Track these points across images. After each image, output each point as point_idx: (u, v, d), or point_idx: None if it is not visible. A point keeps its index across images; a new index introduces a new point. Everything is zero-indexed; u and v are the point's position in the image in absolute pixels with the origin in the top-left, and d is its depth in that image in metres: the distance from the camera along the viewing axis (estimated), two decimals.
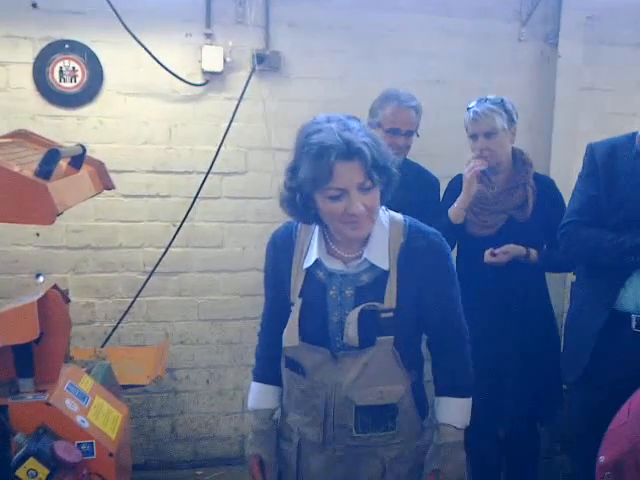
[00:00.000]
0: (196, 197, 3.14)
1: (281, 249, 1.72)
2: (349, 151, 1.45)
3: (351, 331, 1.58)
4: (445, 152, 3.17)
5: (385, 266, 1.60)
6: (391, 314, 1.59)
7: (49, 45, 2.93)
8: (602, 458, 1.23)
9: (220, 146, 3.11)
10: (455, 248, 2.70)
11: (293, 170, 1.54)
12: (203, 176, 3.12)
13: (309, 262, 1.65)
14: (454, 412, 1.70)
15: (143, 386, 2.80)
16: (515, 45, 3.34)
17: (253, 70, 3.08)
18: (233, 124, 3.10)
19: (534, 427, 2.76)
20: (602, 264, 2.22)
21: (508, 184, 2.61)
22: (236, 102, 3.09)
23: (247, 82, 3.08)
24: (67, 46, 2.94)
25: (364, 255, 1.61)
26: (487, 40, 3.30)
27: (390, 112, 2.68)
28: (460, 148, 2.79)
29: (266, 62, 3.08)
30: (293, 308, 1.66)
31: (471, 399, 1.72)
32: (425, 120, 3.14)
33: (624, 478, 1.18)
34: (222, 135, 3.10)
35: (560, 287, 3.29)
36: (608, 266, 2.20)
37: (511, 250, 2.52)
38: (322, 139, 1.46)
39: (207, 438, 3.38)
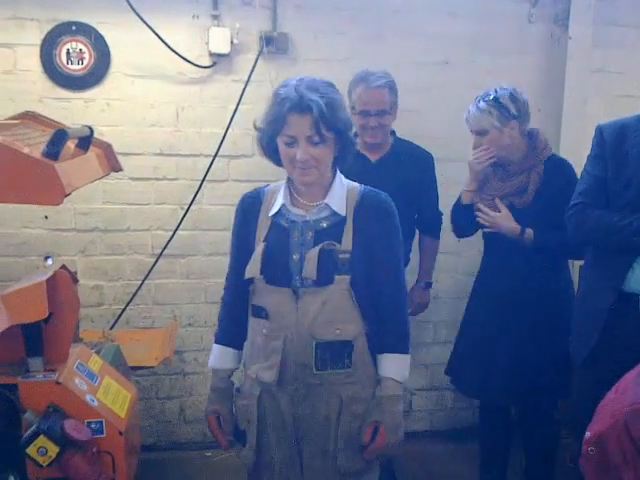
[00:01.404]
0: (203, 180, 3.14)
1: (249, 206, 1.90)
2: (300, 105, 1.67)
3: (310, 266, 1.74)
4: (451, 134, 3.16)
5: (343, 212, 1.80)
6: (348, 255, 1.77)
7: (56, 27, 2.92)
8: (587, 434, 1.25)
9: (227, 129, 3.10)
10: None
11: (262, 117, 1.78)
12: (210, 159, 3.12)
13: (275, 209, 1.84)
14: (394, 367, 1.84)
15: (152, 368, 2.82)
16: (524, 26, 3.31)
17: (260, 52, 3.06)
18: (240, 106, 3.09)
19: (548, 407, 2.75)
20: (609, 246, 2.22)
21: (515, 169, 2.62)
22: (243, 84, 3.08)
23: (254, 64, 3.07)
24: (74, 28, 2.93)
25: (325, 201, 1.80)
26: (495, 21, 3.27)
27: (358, 94, 2.68)
28: (466, 130, 2.77)
29: (273, 44, 3.06)
30: (255, 251, 1.81)
31: (409, 355, 1.87)
32: (431, 102, 3.13)
33: (607, 452, 1.20)
34: (229, 118, 3.10)
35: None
36: (615, 248, 2.19)
37: (501, 219, 2.56)
38: (283, 92, 1.70)
39: None
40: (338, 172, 1.86)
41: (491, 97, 2.57)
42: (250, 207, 1.90)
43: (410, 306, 3.06)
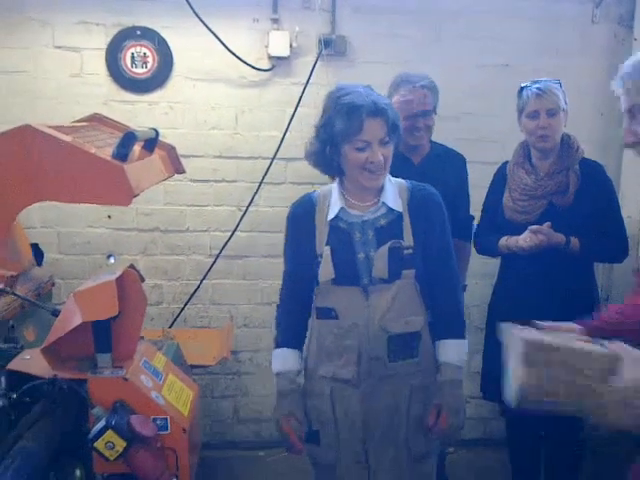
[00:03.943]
0: (261, 182, 3.17)
1: (303, 214, 1.96)
2: (376, 109, 1.77)
3: (381, 265, 1.83)
4: (510, 138, 3.08)
5: (400, 208, 1.89)
6: (411, 250, 1.86)
7: (121, 31, 3.01)
8: None
9: (286, 132, 3.13)
10: None
11: (324, 127, 1.84)
12: (268, 161, 3.15)
13: (333, 213, 1.90)
14: (452, 352, 1.93)
15: (208, 367, 2.86)
16: (587, 27, 3.24)
17: (319, 55, 3.08)
18: (299, 109, 3.11)
19: (576, 429, 2.63)
20: None
21: (551, 169, 2.55)
22: (302, 87, 3.10)
23: (313, 67, 3.09)
24: (138, 32, 3.01)
25: (381, 199, 1.89)
26: (558, 23, 3.21)
27: (402, 96, 2.62)
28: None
29: (332, 47, 3.08)
30: (323, 255, 1.87)
31: (466, 341, 1.96)
32: (490, 105, 3.09)
33: None
34: (288, 121, 3.12)
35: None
36: None
37: (549, 235, 2.44)
38: (353, 99, 1.78)
39: (269, 420, 3.37)
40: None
41: (555, 80, 2.54)
42: (304, 215, 1.95)
43: None
